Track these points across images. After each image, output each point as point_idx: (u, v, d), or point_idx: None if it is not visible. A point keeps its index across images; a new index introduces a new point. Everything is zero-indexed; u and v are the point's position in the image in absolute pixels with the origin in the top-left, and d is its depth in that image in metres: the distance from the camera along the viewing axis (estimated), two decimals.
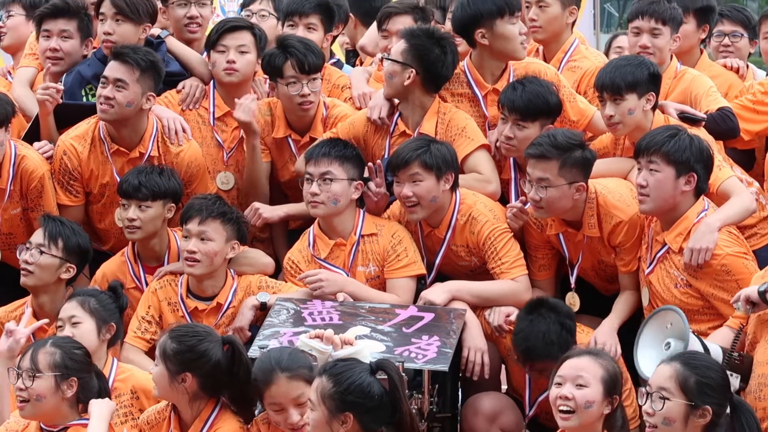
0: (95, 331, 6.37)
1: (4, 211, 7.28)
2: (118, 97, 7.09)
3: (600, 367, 5.44)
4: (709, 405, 5.27)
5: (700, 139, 6.65)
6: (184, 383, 5.91)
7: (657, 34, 7.53)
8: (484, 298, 6.90)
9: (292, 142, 7.48)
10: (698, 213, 6.60)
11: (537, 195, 6.66)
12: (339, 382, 5.31)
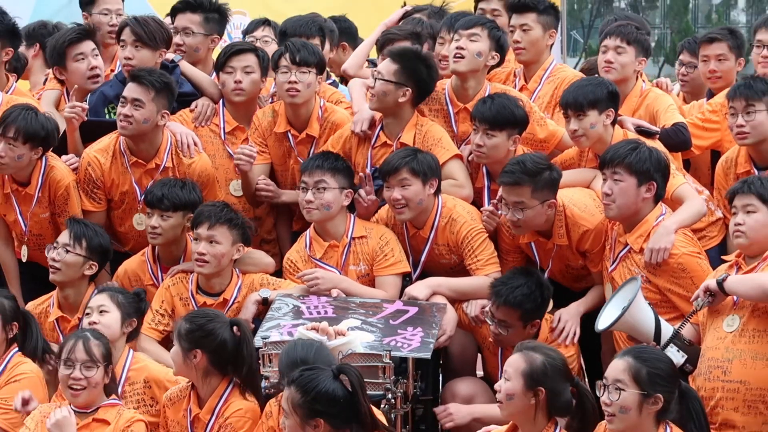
0: (119, 322, 6.37)
1: (33, 214, 7.27)
2: (135, 115, 7.08)
3: (524, 361, 5.39)
4: (660, 393, 5.27)
5: (658, 151, 6.68)
6: (195, 359, 5.99)
7: (621, 52, 7.52)
8: (461, 292, 6.87)
9: (291, 137, 7.42)
10: (657, 217, 6.61)
11: (515, 216, 6.67)
12: (306, 392, 5.21)
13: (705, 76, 8.08)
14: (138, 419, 6.06)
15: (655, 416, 5.28)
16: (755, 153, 7.07)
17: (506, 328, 6.52)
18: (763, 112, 6.92)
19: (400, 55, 7.21)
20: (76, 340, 6.04)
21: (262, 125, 7.43)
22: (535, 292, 6.58)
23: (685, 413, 5.36)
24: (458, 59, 7.22)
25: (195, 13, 7.88)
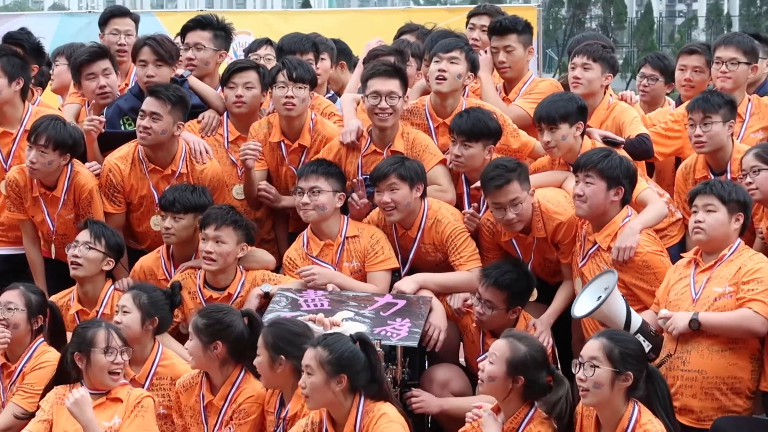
0: (139, 322, 6.36)
1: (60, 216, 7.28)
2: (154, 127, 7.10)
3: (509, 349, 5.45)
4: (631, 371, 5.32)
5: (627, 159, 6.73)
6: (216, 350, 6.02)
7: (588, 69, 7.52)
8: (445, 286, 6.88)
9: (284, 146, 7.41)
10: (623, 218, 6.64)
11: (512, 214, 6.68)
12: (334, 351, 5.44)
13: (680, 83, 8.12)
14: (147, 395, 6.08)
15: (625, 392, 5.32)
16: (712, 160, 7.09)
17: (491, 309, 6.56)
18: (719, 124, 6.94)
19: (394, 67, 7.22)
20: (107, 328, 6.09)
21: (258, 136, 7.41)
22: (522, 279, 6.67)
23: (651, 393, 5.38)
24: (440, 81, 7.23)
25: (205, 30, 7.89)
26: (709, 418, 6.24)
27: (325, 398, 5.47)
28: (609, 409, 5.35)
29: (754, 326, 6.12)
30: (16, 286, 6.60)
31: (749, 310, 6.11)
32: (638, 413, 5.31)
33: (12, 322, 6.44)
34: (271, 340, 5.75)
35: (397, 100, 7.04)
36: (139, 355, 6.39)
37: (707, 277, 6.32)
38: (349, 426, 5.47)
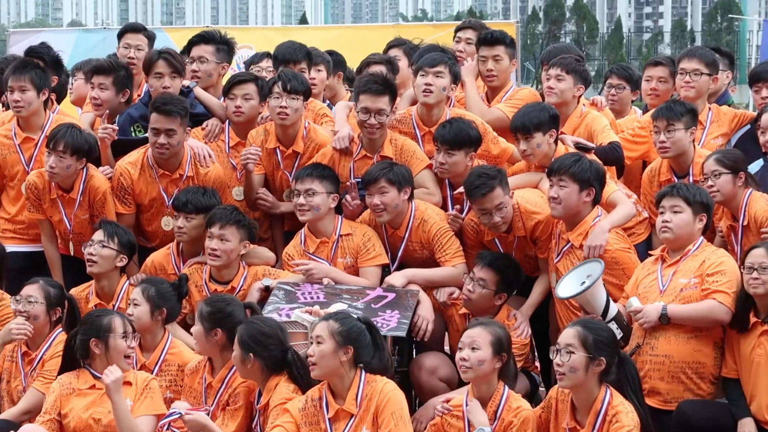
0: (149, 313, 6.36)
1: (76, 216, 7.27)
2: (171, 142, 7.10)
3: (489, 333, 5.52)
4: (603, 357, 5.37)
5: (597, 163, 6.75)
6: (215, 337, 6.01)
7: (561, 80, 7.51)
8: (432, 281, 6.87)
9: (280, 152, 7.40)
10: (594, 218, 6.66)
11: (497, 217, 6.69)
12: (344, 324, 5.55)
13: (646, 92, 8.15)
14: (152, 378, 6.10)
15: (598, 377, 5.37)
16: (675, 164, 7.12)
17: (482, 288, 6.60)
18: (681, 131, 6.97)
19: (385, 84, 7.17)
20: (121, 317, 6.11)
21: (255, 142, 7.39)
22: (513, 268, 6.75)
23: (622, 377, 5.42)
24: (427, 93, 7.22)
25: (208, 45, 7.89)
26: (675, 400, 6.29)
27: (331, 367, 5.51)
28: (583, 392, 5.38)
29: (719, 315, 6.18)
30: (36, 281, 6.59)
31: (714, 301, 6.18)
32: (610, 396, 5.35)
33: (32, 314, 6.45)
34: (244, 338, 5.75)
35: (384, 116, 7.04)
36: (149, 343, 6.40)
37: (673, 270, 6.38)
38: (351, 396, 5.51)
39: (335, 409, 5.53)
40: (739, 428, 6.14)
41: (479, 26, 8.53)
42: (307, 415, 5.56)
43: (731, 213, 6.80)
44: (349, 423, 5.51)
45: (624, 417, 5.24)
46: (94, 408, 5.94)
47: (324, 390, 5.59)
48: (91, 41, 13.75)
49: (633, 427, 5.25)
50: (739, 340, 6.23)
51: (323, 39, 12.58)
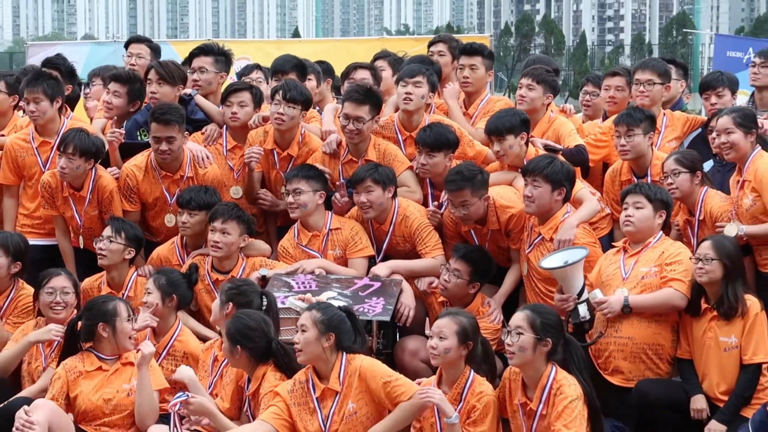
0: (160, 300, 6.33)
1: (86, 212, 7.25)
2: (171, 148, 7.09)
3: (455, 323, 5.48)
4: (550, 338, 5.37)
5: (568, 165, 6.76)
6: (227, 309, 6.00)
7: (531, 89, 7.51)
8: (414, 271, 6.86)
9: (276, 153, 7.38)
10: (564, 214, 6.67)
11: (461, 212, 6.73)
12: (326, 313, 5.53)
13: (605, 100, 8.14)
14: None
15: (545, 356, 5.37)
16: (635, 165, 7.13)
17: (457, 277, 6.60)
18: (640, 135, 6.99)
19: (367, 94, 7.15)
20: (124, 302, 6.12)
21: (254, 142, 7.37)
22: (485, 259, 6.74)
23: (568, 357, 5.40)
24: (407, 102, 7.24)
25: (208, 56, 7.86)
26: (636, 378, 6.31)
27: (315, 352, 5.50)
28: (531, 369, 5.37)
29: (675, 302, 6.22)
30: (60, 272, 6.60)
31: (671, 289, 6.21)
32: (555, 372, 5.35)
33: (69, 303, 6.46)
34: (231, 331, 5.71)
35: (362, 124, 7.03)
36: (161, 328, 6.37)
37: (635, 260, 6.41)
38: (334, 377, 5.51)
39: (321, 389, 5.53)
40: (692, 404, 6.16)
41: (449, 39, 8.55)
42: (295, 396, 5.55)
43: (688, 208, 6.81)
44: (335, 400, 5.51)
45: (567, 389, 5.24)
46: (102, 389, 5.92)
47: (309, 373, 5.58)
48: (102, 53, 13.76)
49: (575, 397, 5.24)
50: (692, 324, 6.25)
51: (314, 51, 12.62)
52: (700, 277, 6.15)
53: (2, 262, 6.73)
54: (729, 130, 6.62)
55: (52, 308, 6.44)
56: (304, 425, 5.51)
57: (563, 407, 5.22)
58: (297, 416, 5.51)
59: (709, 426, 6.05)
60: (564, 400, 5.23)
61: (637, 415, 6.26)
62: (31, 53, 14.11)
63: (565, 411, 5.22)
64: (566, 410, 5.22)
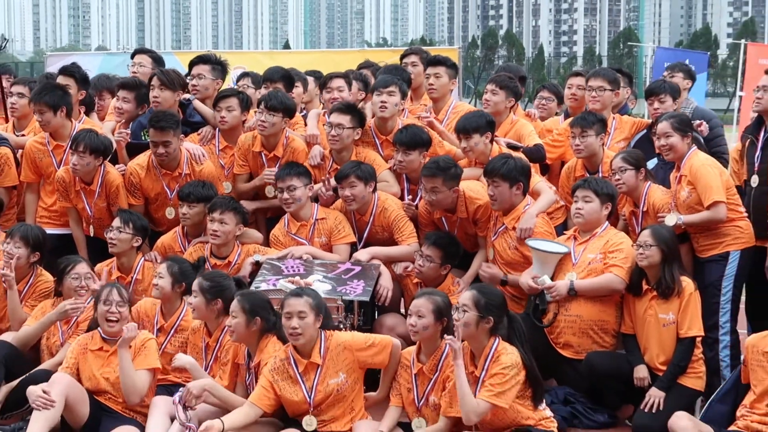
0: (170, 285, 6.24)
1: (95, 204, 7.22)
2: (168, 150, 7.08)
3: (431, 303, 5.43)
4: (491, 316, 5.31)
5: (522, 160, 6.75)
6: (216, 306, 5.89)
7: (495, 94, 7.53)
8: (391, 256, 6.85)
9: (264, 155, 7.32)
10: (524, 206, 6.68)
11: (431, 197, 6.71)
12: (316, 298, 5.50)
13: (567, 97, 8.16)
14: (150, 338, 5.97)
15: (487, 331, 5.31)
16: (588, 163, 7.13)
17: (430, 262, 6.60)
18: (593, 136, 7.00)
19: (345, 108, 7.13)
20: (111, 288, 5.98)
21: (243, 146, 7.35)
22: (453, 244, 6.72)
23: (511, 332, 5.35)
24: (383, 109, 7.22)
25: (206, 65, 7.82)
26: (584, 351, 6.34)
27: (313, 334, 5.46)
28: (476, 342, 5.32)
29: (615, 286, 6.27)
30: (82, 260, 6.56)
31: (611, 274, 6.26)
32: (497, 344, 5.29)
33: (91, 288, 6.41)
34: (249, 305, 5.63)
35: (342, 130, 7.00)
36: (169, 309, 6.31)
37: (584, 247, 6.44)
38: (316, 352, 5.47)
39: (304, 364, 5.47)
40: (635, 373, 6.18)
41: (420, 51, 8.52)
42: (278, 372, 5.49)
43: (633, 201, 6.83)
44: (317, 372, 5.46)
45: (504, 357, 5.20)
46: (102, 368, 5.86)
47: (290, 351, 5.52)
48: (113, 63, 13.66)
49: (509, 365, 5.19)
50: (635, 303, 6.28)
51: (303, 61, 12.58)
52: (641, 262, 6.18)
53: (22, 252, 6.67)
54: (668, 134, 6.65)
55: (77, 291, 6.40)
56: (290, 397, 5.47)
57: (495, 373, 5.18)
58: (282, 390, 5.47)
59: (650, 392, 6.07)
60: (498, 366, 5.20)
61: (587, 383, 6.29)
62: (50, 63, 13.99)
63: (496, 376, 5.18)
64: (497, 375, 5.18)
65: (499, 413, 5.21)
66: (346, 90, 7.76)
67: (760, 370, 5.42)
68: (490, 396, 5.15)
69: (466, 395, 5.13)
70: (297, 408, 5.49)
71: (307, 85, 8.41)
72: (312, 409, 5.46)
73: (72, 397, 5.61)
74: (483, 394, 5.17)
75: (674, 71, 8.62)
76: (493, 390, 5.16)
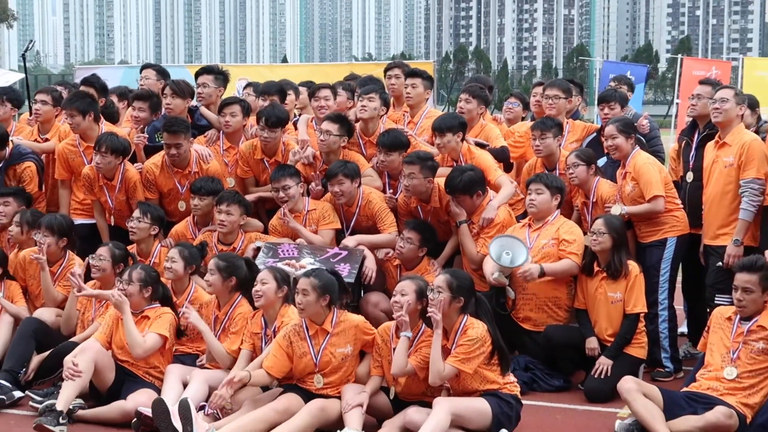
0: (183, 268, 6.19)
1: (116, 198, 7.15)
2: (179, 152, 7.02)
3: (413, 284, 5.35)
4: (462, 297, 5.23)
5: (474, 171, 6.65)
6: (230, 282, 5.88)
7: (468, 102, 7.49)
8: (374, 243, 6.78)
9: (266, 161, 7.27)
10: (488, 200, 6.65)
11: (407, 182, 6.66)
12: (320, 279, 5.38)
13: (532, 104, 8.12)
14: (167, 312, 5.91)
15: (458, 310, 5.24)
16: (546, 161, 7.09)
17: (410, 244, 6.56)
18: (551, 138, 6.97)
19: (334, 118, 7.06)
20: (130, 268, 5.98)
21: (245, 154, 7.29)
22: (429, 229, 6.68)
23: (479, 310, 5.27)
24: (363, 111, 7.20)
25: (210, 74, 7.77)
26: (542, 324, 6.36)
27: (315, 310, 5.38)
28: (448, 319, 5.23)
29: (572, 270, 6.32)
30: (106, 244, 6.50)
31: (570, 261, 6.29)
32: (466, 320, 5.22)
33: (101, 268, 6.32)
34: (279, 276, 5.64)
35: (329, 137, 6.94)
36: (179, 288, 6.26)
37: (537, 234, 6.44)
38: (328, 322, 5.41)
39: (315, 328, 5.41)
40: (587, 344, 6.19)
41: (402, 65, 8.49)
42: (293, 334, 5.44)
43: (584, 193, 6.81)
44: (325, 338, 5.40)
45: (471, 331, 5.16)
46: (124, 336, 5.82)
47: (305, 321, 5.46)
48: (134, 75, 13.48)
49: (475, 338, 5.13)
50: (587, 282, 6.28)
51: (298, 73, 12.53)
52: (594, 247, 6.17)
53: (50, 240, 6.61)
54: (614, 136, 6.64)
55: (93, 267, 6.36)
56: (299, 358, 5.41)
57: (462, 344, 5.13)
58: (294, 347, 5.41)
59: (600, 360, 6.08)
60: (464, 338, 5.15)
61: (545, 352, 6.29)
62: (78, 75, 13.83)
63: (462, 347, 5.13)
64: (462, 346, 5.13)
65: (468, 378, 5.18)
66: (332, 99, 7.68)
67: (720, 332, 5.41)
68: (455, 362, 5.12)
69: (437, 360, 5.10)
70: (304, 368, 5.41)
71: (299, 93, 8.37)
72: (317, 369, 5.41)
73: (100, 364, 5.58)
74: (449, 360, 5.13)
75: (621, 83, 8.60)
76: (458, 357, 5.12)
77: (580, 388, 6.18)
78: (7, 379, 5.87)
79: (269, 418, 5.12)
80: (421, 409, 5.13)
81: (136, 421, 5.28)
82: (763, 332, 5.23)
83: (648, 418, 5.09)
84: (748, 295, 5.26)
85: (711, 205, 6.41)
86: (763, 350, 5.22)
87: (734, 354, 5.28)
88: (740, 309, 5.31)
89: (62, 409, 5.28)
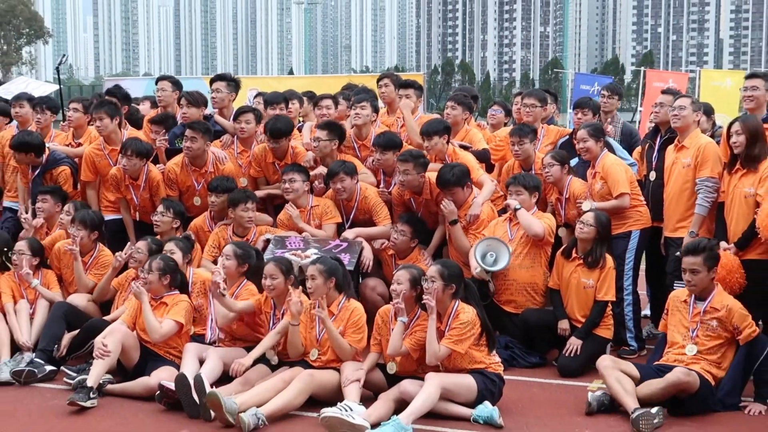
0: (182, 258, 6.12)
1: (141, 196, 7.11)
2: (192, 145, 6.97)
3: (408, 273, 5.32)
4: (453, 284, 5.20)
5: (461, 166, 6.61)
6: (242, 268, 5.88)
7: (453, 108, 7.46)
8: (371, 235, 6.75)
9: (276, 164, 7.25)
10: (473, 197, 6.61)
11: (401, 177, 6.64)
12: (325, 264, 5.38)
13: (515, 111, 8.09)
14: (184, 300, 5.86)
15: (450, 296, 5.22)
16: (523, 163, 7.06)
17: (403, 235, 6.54)
18: (527, 143, 6.94)
19: (326, 125, 7.05)
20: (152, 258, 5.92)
21: (258, 157, 7.26)
22: (420, 222, 6.67)
23: (468, 295, 5.26)
24: (357, 118, 7.17)
25: (223, 81, 7.74)
26: (522, 306, 6.36)
27: (323, 292, 5.36)
28: (441, 304, 5.20)
29: (538, 226, 6.29)
30: (145, 239, 6.43)
31: (539, 222, 6.30)
32: (458, 305, 5.21)
33: (139, 259, 6.25)
34: (284, 267, 5.61)
35: (319, 142, 6.93)
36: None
37: (517, 228, 6.41)
38: (334, 306, 5.41)
39: None
40: (559, 325, 6.18)
41: (391, 75, 8.39)
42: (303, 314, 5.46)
43: (558, 190, 6.80)
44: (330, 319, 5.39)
45: (462, 315, 5.15)
46: None
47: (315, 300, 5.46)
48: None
49: (466, 321, 5.12)
50: (564, 264, 6.27)
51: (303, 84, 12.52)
52: (579, 234, 6.17)
53: (83, 233, 6.57)
54: (585, 139, 6.64)
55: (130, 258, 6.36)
56: (306, 333, 5.45)
57: (454, 326, 5.13)
58: (308, 318, 5.44)
59: (570, 340, 6.08)
60: (456, 322, 5.14)
61: (523, 333, 6.28)
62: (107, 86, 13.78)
63: (455, 329, 5.12)
64: (455, 329, 5.12)
65: (458, 357, 5.17)
66: (333, 108, 7.66)
67: (677, 314, 5.42)
68: (449, 343, 5.12)
69: (432, 342, 5.09)
70: (308, 340, 5.44)
71: (302, 102, 8.35)
72: (318, 345, 5.41)
73: (126, 344, 5.57)
74: (444, 342, 5.12)
75: (613, 93, 8.43)
76: (451, 339, 5.12)
77: (554, 365, 6.17)
78: (41, 357, 5.89)
79: (276, 386, 5.17)
80: (414, 382, 5.13)
81: (159, 393, 5.28)
82: (716, 312, 5.27)
83: (619, 390, 5.09)
84: (695, 276, 5.28)
85: (671, 201, 6.40)
86: (718, 327, 5.26)
87: (693, 332, 5.30)
88: (691, 288, 5.34)
89: (93, 384, 5.28)
